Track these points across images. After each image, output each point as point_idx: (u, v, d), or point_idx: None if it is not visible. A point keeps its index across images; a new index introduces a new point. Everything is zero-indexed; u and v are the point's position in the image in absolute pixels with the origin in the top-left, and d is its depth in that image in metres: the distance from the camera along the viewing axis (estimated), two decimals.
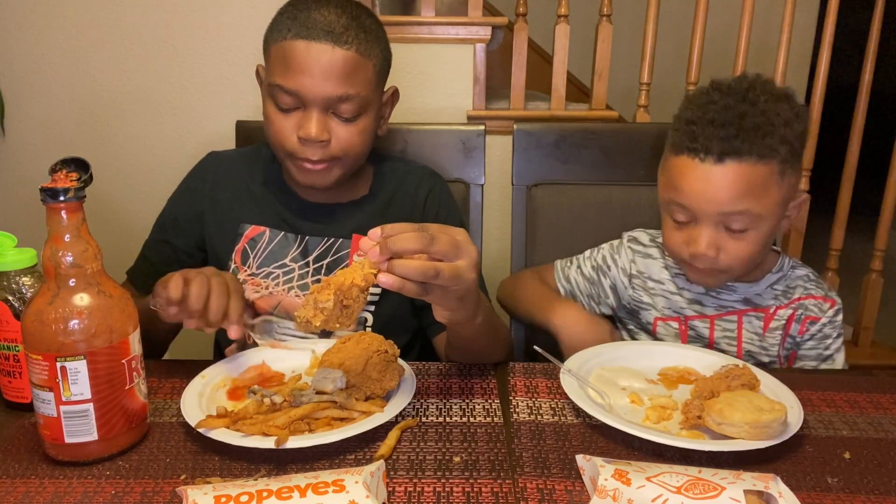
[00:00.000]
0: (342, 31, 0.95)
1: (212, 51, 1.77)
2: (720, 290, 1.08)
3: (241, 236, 1.09)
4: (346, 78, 0.95)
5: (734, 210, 0.94)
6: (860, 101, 2.09)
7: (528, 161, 1.28)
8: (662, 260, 1.12)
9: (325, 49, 0.94)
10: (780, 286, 1.07)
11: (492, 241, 1.75)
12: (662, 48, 2.02)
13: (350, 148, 1.00)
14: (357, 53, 0.96)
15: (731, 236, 0.96)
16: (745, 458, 0.72)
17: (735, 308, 1.07)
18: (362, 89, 0.97)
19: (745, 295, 1.07)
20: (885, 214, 2.18)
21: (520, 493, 0.67)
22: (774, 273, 1.07)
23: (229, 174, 1.13)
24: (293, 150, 0.99)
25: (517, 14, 1.91)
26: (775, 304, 1.06)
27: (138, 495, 0.66)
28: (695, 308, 1.09)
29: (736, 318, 1.07)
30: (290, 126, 0.98)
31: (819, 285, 1.08)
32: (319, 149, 0.98)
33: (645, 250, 1.14)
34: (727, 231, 0.96)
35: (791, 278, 1.08)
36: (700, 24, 1.95)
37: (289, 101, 0.97)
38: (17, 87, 1.79)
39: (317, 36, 0.94)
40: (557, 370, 0.88)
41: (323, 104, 0.96)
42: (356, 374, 0.84)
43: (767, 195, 0.94)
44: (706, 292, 1.08)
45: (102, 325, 0.69)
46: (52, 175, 0.69)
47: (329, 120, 0.98)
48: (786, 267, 1.08)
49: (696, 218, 0.97)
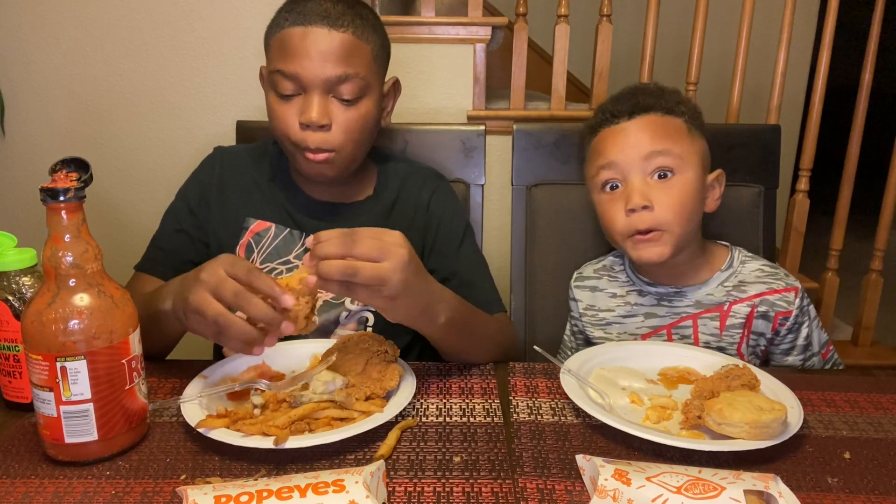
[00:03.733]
0: (338, 15, 0.97)
1: (212, 51, 1.77)
2: (672, 297, 1.08)
3: (245, 230, 1.10)
4: (344, 58, 0.97)
5: (654, 150, 1.00)
6: (860, 101, 2.09)
7: (528, 161, 1.28)
8: (610, 286, 1.14)
9: (322, 32, 0.96)
10: (730, 283, 1.07)
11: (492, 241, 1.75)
12: (662, 48, 2.02)
13: (350, 133, 1.00)
14: (354, 36, 0.97)
15: (659, 186, 1.01)
16: (745, 458, 0.72)
17: (688, 313, 1.08)
18: (361, 69, 0.98)
19: (696, 298, 1.08)
20: (885, 214, 2.18)
21: (520, 493, 0.67)
22: (724, 271, 1.08)
23: (236, 168, 1.14)
24: (296, 138, 0.99)
25: (517, 14, 1.91)
26: (728, 301, 1.06)
27: (138, 495, 0.66)
28: (651, 323, 1.10)
29: (691, 323, 1.08)
30: (291, 113, 0.99)
31: (775, 277, 1.07)
32: (321, 134, 0.98)
33: (591, 283, 1.16)
34: (656, 180, 1.01)
35: (743, 273, 1.08)
36: (700, 24, 1.95)
37: (289, 86, 0.98)
38: (17, 87, 1.79)
39: (313, 21, 0.96)
40: (557, 370, 0.88)
41: (323, 86, 0.97)
42: (356, 374, 0.84)
43: (682, 140, 1.02)
44: (658, 302, 1.09)
45: (102, 326, 0.69)
46: (52, 175, 0.69)
47: (330, 104, 0.98)
48: (735, 262, 1.09)
49: (625, 175, 1.02)
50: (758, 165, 1.25)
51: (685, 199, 1.01)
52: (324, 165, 1.01)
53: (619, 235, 1.04)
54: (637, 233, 1.01)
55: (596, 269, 1.18)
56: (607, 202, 1.05)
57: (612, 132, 1.05)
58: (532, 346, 0.95)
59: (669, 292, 1.09)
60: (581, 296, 1.16)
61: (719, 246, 1.12)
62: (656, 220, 1.00)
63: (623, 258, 1.16)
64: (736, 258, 1.09)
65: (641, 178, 1.01)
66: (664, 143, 1.01)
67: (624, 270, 1.15)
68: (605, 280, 1.15)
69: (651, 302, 1.10)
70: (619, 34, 1.96)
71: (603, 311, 1.14)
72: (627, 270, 1.14)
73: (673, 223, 1.00)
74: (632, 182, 1.01)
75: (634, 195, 1.00)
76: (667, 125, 1.03)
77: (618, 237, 1.04)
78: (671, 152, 1.01)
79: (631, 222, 1.01)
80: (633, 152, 1.01)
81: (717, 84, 2.46)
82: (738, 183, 1.23)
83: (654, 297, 1.10)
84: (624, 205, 1.01)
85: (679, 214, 1.00)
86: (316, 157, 1.00)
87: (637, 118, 1.03)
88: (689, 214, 1.02)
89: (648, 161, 1.01)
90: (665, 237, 1.01)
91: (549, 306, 1.28)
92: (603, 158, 1.04)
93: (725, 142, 1.14)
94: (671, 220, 1.00)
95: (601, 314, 1.14)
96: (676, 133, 1.03)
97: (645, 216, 1.00)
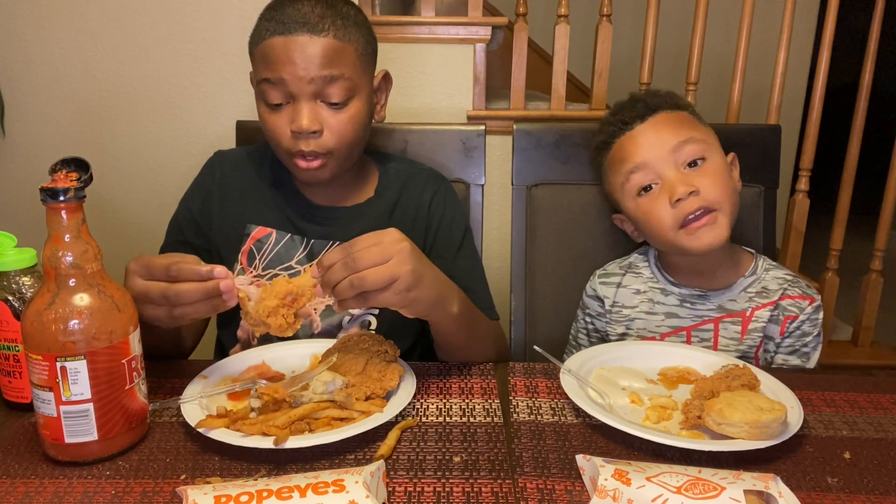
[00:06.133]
0: (317, 20, 0.96)
1: (212, 51, 1.77)
2: (695, 300, 1.08)
3: (247, 237, 1.09)
4: (328, 61, 0.96)
5: (680, 140, 1.02)
6: (860, 101, 2.09)
7: (528, 161, 1.28)
8: (633, 283, 1.14)
9: (303, 40, 0.95)
10: (753, 289, 1.07)
11: (492, 241, 1.76)
12: (662, 48, 2.02)
13: (343, 137, 1.00)
14: (335, 39, 0.97)
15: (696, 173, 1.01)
16: (745, 458, 0.72)
17: (710, 317, 1.08)
18: (346, 70, 0.98)
19: (718, 302, 1.07)
20: (885, 214, 2.18)
21: (520, 493, 0.67)
22: (748, 277, 1.08)
23: (237, 174, 1.13)
24: (288, 146, 0.99)
25: (517, 14, 1.91)
26: (751, 307, 1.06)
27: (138, 495, 0.66)
28: (671, 323, 1.10)
29: (712, 327, 1.07)
30: (282, 122, 0.99)
31: (796, 284, 1.07)
32: (313, 140, 0.98)
33: (615, 279, 1.16)
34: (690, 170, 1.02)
35: (766, 280, 1.08)
36: (700, 24, 1.95)
37: (277, 95, 0.98)
38: (17, 87, 1.79)
39: (293, 29, 0.95)
40: (557, 370, 0.88)
41: (310, 92, 0.97)
42: (356, 374, 0.84)
43: (699, 127, 1.06)
44: (680, 304, 1.09)
45: (102, 326, 0.69)
46: (52, 175, 0.69)
47: (319, 110, 0.98)
48: (759, 269, 1.09)
49: (658, 173, 1.03)
50: (758, 165, 1.25)
51: (724, 178, 1.02)
52: (319, 170, 1.01)
53: (670, 231, 1.02)
54: (689, 221, 1.00)
55: (621, 266, 1.17)
56: (648, 203, 1.04)
57: (630, 138, 1.05)
58: (532, 346, 0.95)
59: (693, 294, 1.09)
60: (607, 292, 1.15)
61: (745, 252, 1.12)
62: (707, 200, 0.99)
63: (648, 255, 1.15)
64: (760, 266, 1.09)
65: (676, 169, 1.01)
66: (687, 132, 1.02)
67: (648, 267, 1.14)
68: (629, 276, 1.15)
69: (673, 302, 1.10)
70: (619, 34, 1.96)
71: (627, 308, 1.13)
72: (652, 267, 1.13)
73: (723, 201, 1.00)
74: (668, 177, 1.01)
75: (678, 186, 1.00)
76: (680, 117, 1.05)
77: (669, 233, 1.02)
78: (695, 139, 1.02)
79: (680, 210, 1.00)
80: (660, 149, 1.02)
81: (717, 84, 2.47)
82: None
83: (676, 298, 1.10)
84: (668, 200, 1.01)
85: (724, 193, 1.01)
86: (310, 164, 1.00)
87: (650, 119, 1.04)
88: (731, 192, 1.02)
89: (678, 152, 1.01)
90: (719, 217, 1.00)
91: (549, 306, 1.27)
92: (630, 163, 1.04)
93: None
94: (720, 199, 1.00)
95: (625, 310, 1.13)
96: (690, 122, 1.05)
97: (693, 200, 0.99)
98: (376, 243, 0.78)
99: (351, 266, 0.77)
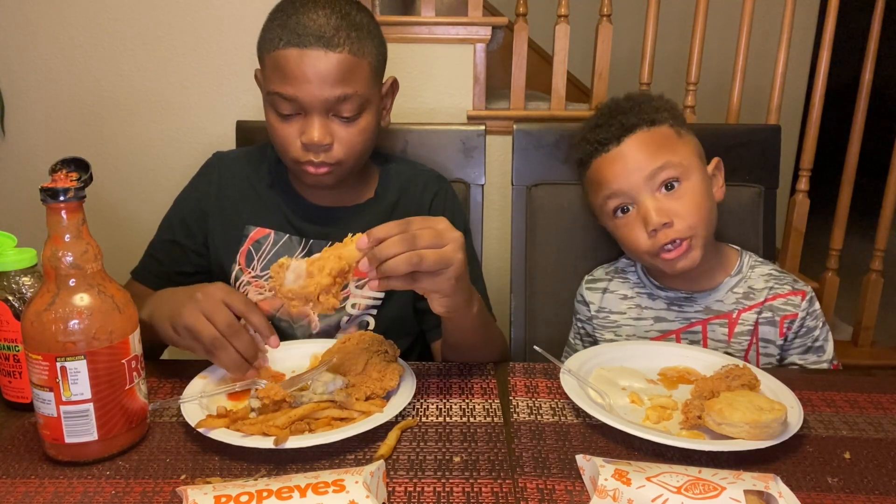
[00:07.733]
0: (333, 33, 0.94)
1: (212, 51, 1.77)
2: (682, 303, 1.08)
3: (245, 238, 1.09)
4: (342, 80, 0.95)
5: (655, 167, 1.00)
6: (860, 101, 2.09)
7: (528, 161, 1.28)
8: (620, 288, 1.14)
9: (318, 55, 0.94)
10: (740, 289, 1.07)
11: (492, 241, 1.75)
12: (662, 48, 2.02)
13: (352, 148, 1.00)
14: (350, 54, 0.96)
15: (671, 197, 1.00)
16: (745, 458, 0.72)
17: (698, 318, 1.08)
18: (360, 87, 0.97)
19: (705, 304, 1.08)
20: (885, 214, 2.18)
21: (520, 493, 0.67)
22: (733, 276, 1.08)
23: (235, 175, 1.13)
24: (297, 155, 0.99)
25: (517, 14, 1.91)
26: (737, 308, 1.06)
27: (138, 495, 0.66)
28: (660, 327, 1.10)
29: (700, 329, 1.07)
30: (293, 133, 0.98)
31: (783, 280, 1.07)
32: (323, 152, 0.98)
33: (602, 284, 1.16)
34: (665, 193, 1.01)
35: (752, 278, 1.08)
36: (700, 24, 1.95)
37: (288, 108, 0.97)
38: (17, 87, 1.79)
39: (308, 42, 0.94)
40: (557, 370, 0.88)
41: (323, 108, 0.96)
42: (356, 374, 0.84)
43: (676, 146, 1.03)
44: (668, 307, 1.09)
45: (102, 326, 0.69)
46: (52, 175, 0.69)
47: (331, 123, 0.98)
48: (745, 267, 1.09)
49: (634, 198, 1.02)
50: (758, 165, 1.25)
51: (699, 200, 1.01)
52: (326, 176, 1.01)
53: (646, 255, 1.03)
54: (664, 249, 1.00)
55: (607, 272, 1.18)
56: (624, 227, 1.04)
57: (607, 161, 1.04)
58: (532, 346, 0.95)
59: (680, 297, 1.09)
60: (593, 298, 1.16)
61: (731, 249, 1.12)
62: (680, 231, 0.99)
63: (635, 261, 1.15)
64: (745, 263, 1.09)
65: (651, 195, 1.01)
66: (662, 157, 1.00)
67: (635, 272, 1.15)
68: (616, 282, 1.15)
69: (661, 306, 1.10)
70: (619, 34, 1.96)
71: (614, 314, 1.13)
72: (639, 272, 1.14)
73: (697, 227, 1.00)
74: (643, 203, 1.01)
75: (651, 215, 0.99)
76: (656, 137, 1.02)
77: (645, 257, 1.04)
78: (671, 163, 1.00)
79: (656, 241, 1.00)
80: (634, 176, 1.01)
81: (717, 84, 2.46)
82: (738, 183, 1.23)
83: (664, 302, 1.10)
84: (642, 226, 1.01)
85: (699, 217, 1.00)
86: (318, 170, 1.00)
87: (626, 140, 1.02)
88: (707, 213, 1.02)
89: (653, 179, 1.00)
90: (694, 242, 1.01)
91: (549, 306, 1.27)
92: (607, 189, 1.04)
93: (725, 142, 1.14)
94: (695, 226, 1.00)
95: (612, 316, 1.14)
96: (668, 141, 1.02)
97: (668, 231, 0.99)
98: (431, 226, 0.78)
99: (410, 242, 0.75)
